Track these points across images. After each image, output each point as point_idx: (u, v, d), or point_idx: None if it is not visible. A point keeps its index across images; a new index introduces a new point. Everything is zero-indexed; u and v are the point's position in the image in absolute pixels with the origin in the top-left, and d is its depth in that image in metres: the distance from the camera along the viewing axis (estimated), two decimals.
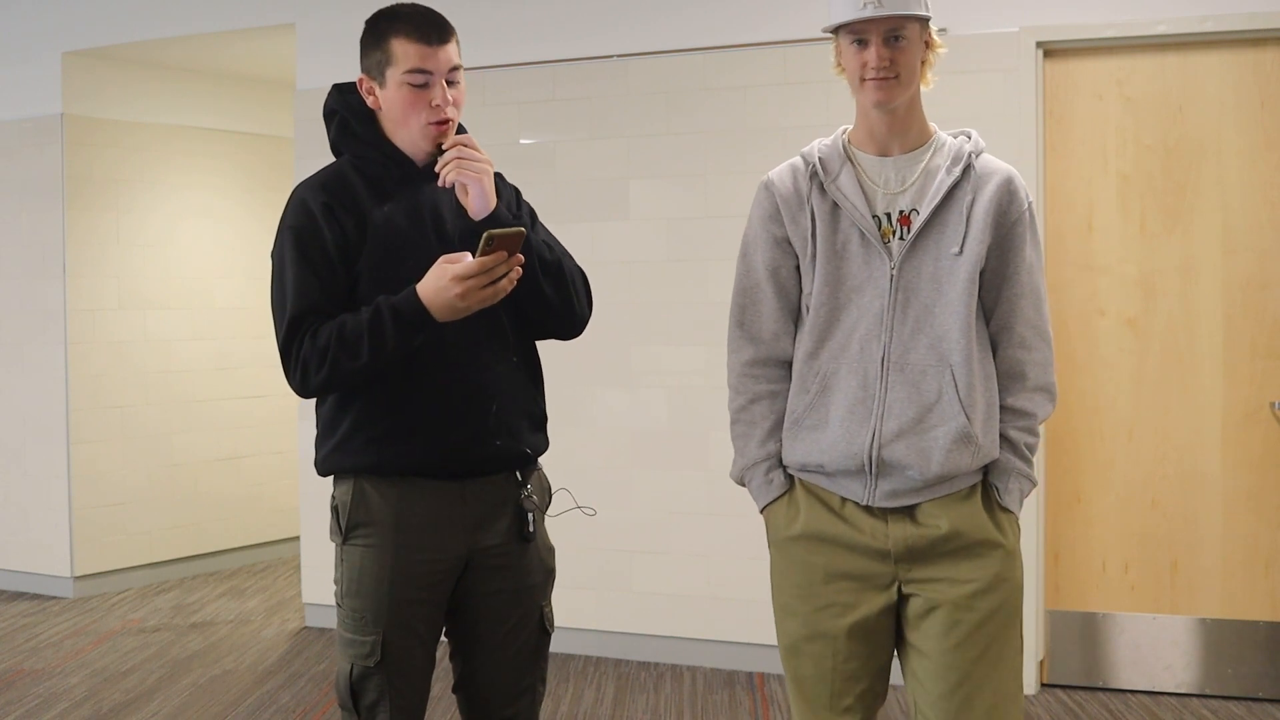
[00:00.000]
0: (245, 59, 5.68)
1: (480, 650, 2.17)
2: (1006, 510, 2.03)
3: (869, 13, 1.94)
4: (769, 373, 2.11)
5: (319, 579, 4.85)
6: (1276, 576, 3.83)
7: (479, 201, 2.05)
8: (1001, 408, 2.05)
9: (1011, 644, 2.01)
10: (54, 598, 5.44)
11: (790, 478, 2.10)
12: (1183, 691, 3.90)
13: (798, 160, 2.11)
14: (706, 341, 4.25)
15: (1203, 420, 3.87)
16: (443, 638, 2.23)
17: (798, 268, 2.08)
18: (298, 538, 5.30)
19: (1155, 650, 3.91)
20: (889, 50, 1.96)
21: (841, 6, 1.98)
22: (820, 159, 2.07)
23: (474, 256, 1.94)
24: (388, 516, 2.08)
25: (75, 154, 5.44)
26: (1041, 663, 4.00)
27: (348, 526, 2.10)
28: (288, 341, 2.04)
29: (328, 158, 2.23)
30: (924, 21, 2.00)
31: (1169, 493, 3.90)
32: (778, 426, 2.09)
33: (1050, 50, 3.93)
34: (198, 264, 5.94)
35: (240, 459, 6.09)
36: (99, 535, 5.51)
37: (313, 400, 2.18)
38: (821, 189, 2.05)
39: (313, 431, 2.22)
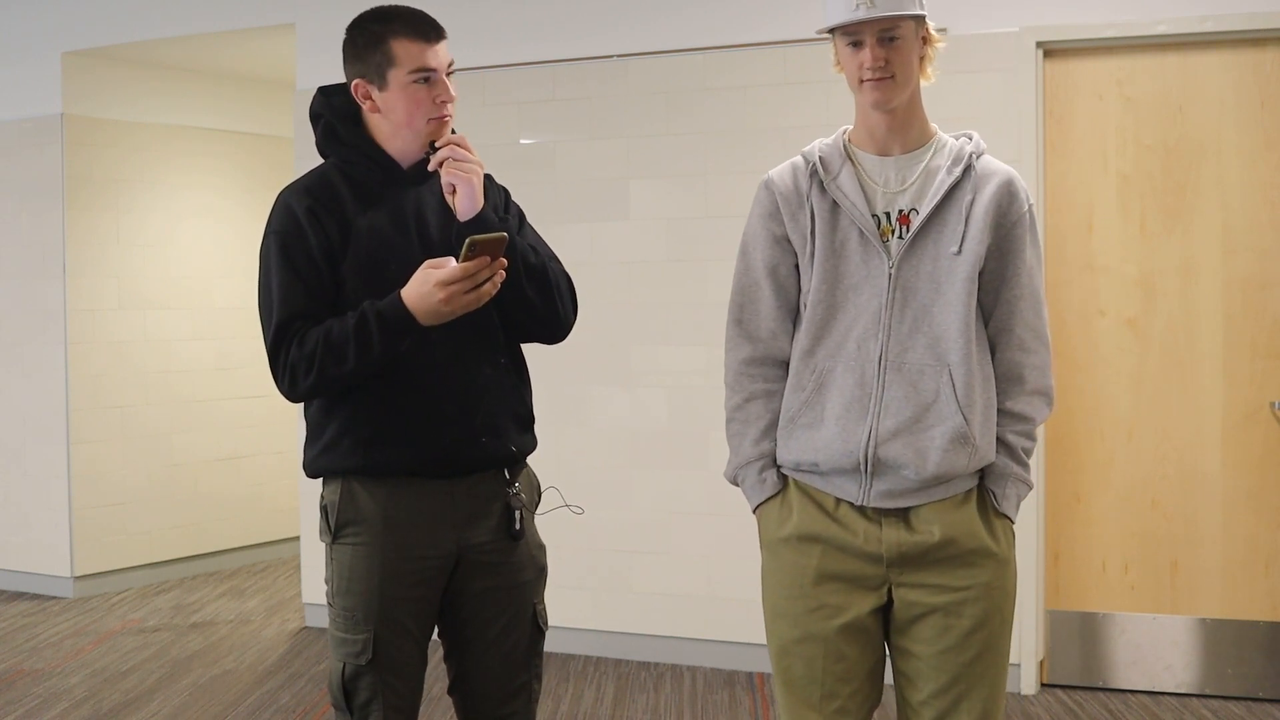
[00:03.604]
0: (245, 59, 5.69)
1: (474, 649, 2.17)
2: (1002, 516, 2.02)
3: (861, 14, 1.92)
4: (766, 371, 2.09)
5: (319, 579, 4.83)
6: (1276, 576, 3.82)
7: (466, 202, 2.06)
8: (999, 411, 2.03)
9: (1001, 650, 2.01)
10: (54, 598, 5.44)
11: (784, 478, 2.07)
12: (1183, 691, 3.89)
13: (798, 159, 2.09)
14: (706, 341, 4.25)
15: (1203, 420, 3.86)
16: (438, 639, 2.22)
17: (796, 266, 2.07)
18: (298, 538, 5.29)
19: (1155, 650, 3.91)
20: (884, 50, 1.95)
21: (835, 8, 1.96)
22: (821, 158, 2.06)
23: (457, 261, 1.94)
24: (376, 515, 2.08)
25: (75, 154, 5.44)
26: (1041, 663, 4.00)
27: (337, 525, 2.11)
28: (275, 347, 2.04)
29: None
30: (919, 19, 1.98)
31: (1169, 493, 3.90)
32: (773, 426, 2.07)
33: (1050, 50, 3.93)
34: (198, 264, 5.94)
35: (240, 459, 6.09)
36: (99, 535, 5.51)
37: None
38: (821, 187, 2.03)
39: None
